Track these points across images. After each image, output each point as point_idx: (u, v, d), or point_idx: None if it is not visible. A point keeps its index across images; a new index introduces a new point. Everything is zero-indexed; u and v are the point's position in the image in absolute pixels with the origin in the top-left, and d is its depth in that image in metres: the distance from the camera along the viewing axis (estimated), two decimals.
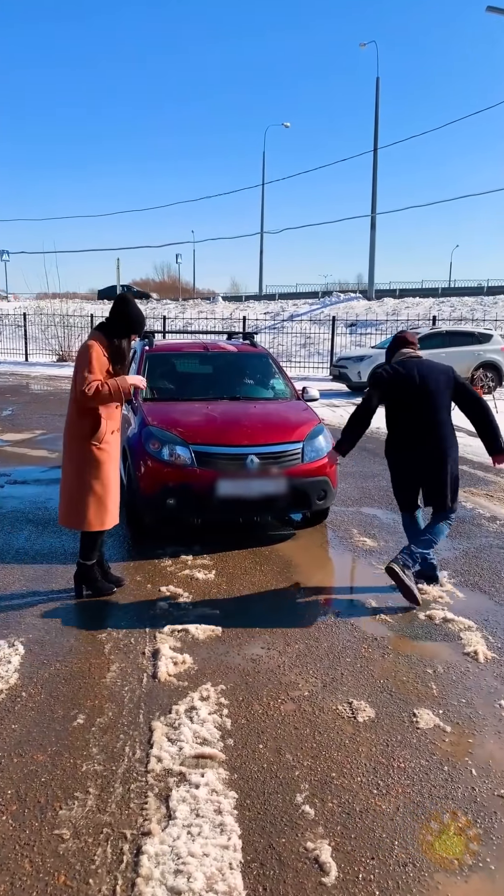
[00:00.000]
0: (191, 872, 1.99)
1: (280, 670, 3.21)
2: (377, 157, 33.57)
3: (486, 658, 3.35)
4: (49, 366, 22.18)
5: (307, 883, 1.98)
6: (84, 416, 3.75)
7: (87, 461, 3.77)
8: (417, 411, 4.03)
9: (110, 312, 3.79)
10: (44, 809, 2.27)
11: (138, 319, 3.80)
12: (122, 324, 3.76)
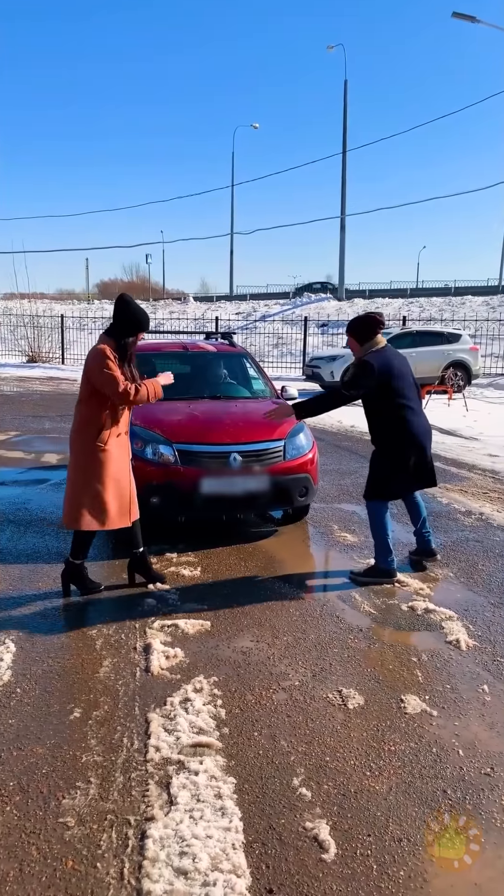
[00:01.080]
0: (195, 853, 2.06)
1: (270, 662, 3.29)
2: (346, 160, 33.92)
3: (467, 646, 3.47)
4: (19, 367, 21.95)
5: (308, 860, 2.06)
6: (90, 419, 3.82)
7: (89, 461, 3.81)
8: (413, 396, 4.24)
9: (114, 315, 3.84)
10: (47, 799, 2.31)
11: (143, 317, 3.85)
12: (127, 323, 3.82)
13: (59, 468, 7.67)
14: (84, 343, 22.94)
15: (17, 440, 9.49)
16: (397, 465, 4.25)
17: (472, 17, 17.32)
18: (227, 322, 26.61)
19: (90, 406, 3.85)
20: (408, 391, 4.23)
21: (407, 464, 4.22)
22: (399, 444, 4.21)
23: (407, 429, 4.18)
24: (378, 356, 4.18)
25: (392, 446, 4.24)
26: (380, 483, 4.31)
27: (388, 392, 4.16)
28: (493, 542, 5.17)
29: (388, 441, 4.26)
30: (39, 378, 19.36)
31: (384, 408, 4.21)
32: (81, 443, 3.87)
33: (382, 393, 4.17)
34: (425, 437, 4.27)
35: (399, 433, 4.19)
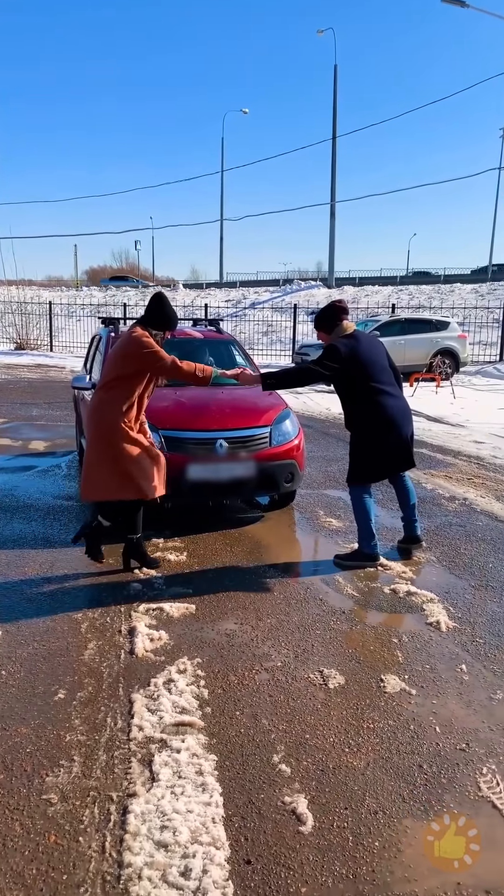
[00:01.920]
0: (176, 827, 2.10)
1: (253, 643, 3.34)
2: (336, 146, 33.79)
3: (447, 627, 3.53)
4: (7, 354, 21.82)
5: (286, 832, 2.11)
6: (116, 399, 4.02)
7: (111, 438, 4.00)
8: (386, 380, 4.28)
9: (150, 309, 4.11)
10: (31, 777, 2.35)
11: (174, 317, 4.18)
12: (161, 319, 4.11)
13: (46, 455, 7.68)
14: (72, 330, 22.88)
15: (5, 427, 9.47)
16: (373, 449, 4.28)
17: (461, 3, 17.23)
18: (216, 309, 26.53)
19: (121, 388, 4.03)
20: (379, 375, 4.24)
21: (382, 447, 4.26)
22: (373, 428, 4.23)
23: (380, 412, 4.20)
24: (345, 341, 4.21)
25: (367, 430, 4.27)
26: (357, 467, 4.36)
27: (358, 376, 4.18)
28: (476, 526, 5.24)
29: (362, 425, 4.29)
30: (27, 365, 19.27)
31: (355, 392, 4.24)
32: (108, 422, 4.02)
33: (352, 377, 4.19)
34: (402, 420, 4.28)
35: (372, 417, 4.22)
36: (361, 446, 4.33)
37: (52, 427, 9.51)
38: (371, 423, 4.24)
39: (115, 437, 4.00)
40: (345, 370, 4.14)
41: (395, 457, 4.34)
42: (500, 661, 3.19)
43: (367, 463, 4.33)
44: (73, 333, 22.80)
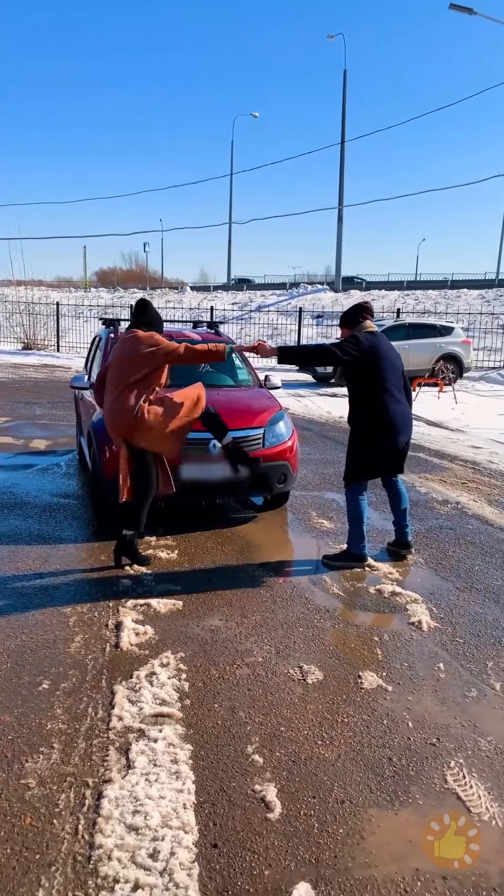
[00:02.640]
0: (147, 812, 2.18)
1: (237, 639, 3.41)
2: (344, 150, 33.88)
3: (429, 627, 3.59)
4: (14, 354, 21.99)
5: (254, 819, 2.18)
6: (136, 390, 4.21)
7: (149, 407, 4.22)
8: (396, 383, 4.34)
9: (142, 314, 4.46)
10: (10, 763, 2.42)
11: (160, 318, 4.55)
12: (154, 323, 4.45)
13: (46, 454, 7.77)
14: (79, 331, 23.02)
15: (8, 426, 9.58)
16: (368, 447, 4.34)
17: (469, 10, 17.28)
18: (222, 312, 26.63)
19: (142, 387, 4.21)
20: (391, 377, 4.31)
21: (378, 447, 4.31)
22: (373, 427, 4.29)
23: (383, 413, 4.26)
24: (367, 335, 4.29)
25: (366, 428, 4.33)
26: (351, 463, 4.43)
27: (371, 372, 4.24)
28: (466, 529, 5.29)
29: (363, 423, 4.35)
30: (34, 365, 19.41)
31: (365, 387, 4.29)
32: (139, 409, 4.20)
33: (365, 371, 4.25)
34: (401, 425, 4.33)
35: (374, 416, 4.28)
36: (358, 443, 4.41)
37: (53, 426, 9.61)
38: (372, 421, 4.30)
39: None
40: (361, 361, 4.22)
41: (387, 460, 4.40)
42: (477, 661, 3.25)
43: (361, 460, 4.39)
44: (80, 334, 22.95)
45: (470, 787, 2.35)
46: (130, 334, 4.32)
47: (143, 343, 4.23)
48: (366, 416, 4.32)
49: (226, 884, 1.93)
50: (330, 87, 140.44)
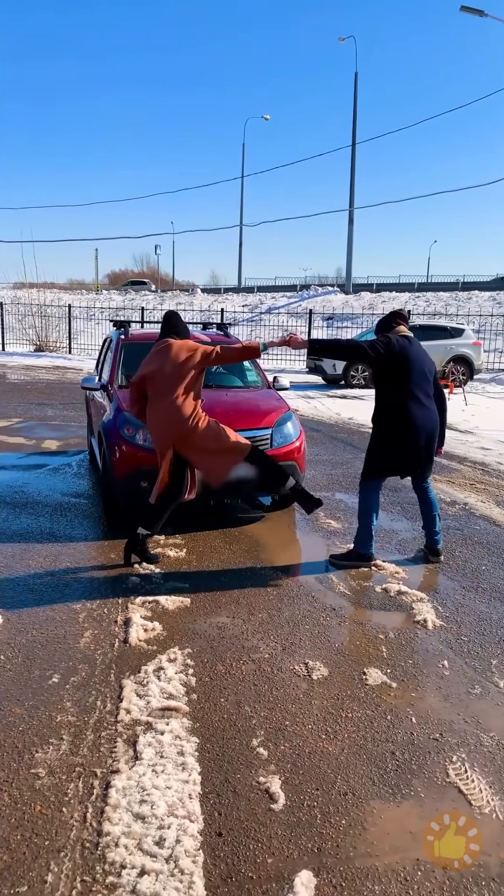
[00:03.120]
0: (154, 801, 2.23)
1: (243, 636, 3.45)
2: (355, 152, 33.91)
3: (434, 625, 3.62)
4: (26, 356, 22.17)
5: (258, 809, 2.23)
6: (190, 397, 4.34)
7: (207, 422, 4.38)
8: (424, 388, 4.36)
9: (175, 325, 4.57)
10: (21, 753, 2.48)
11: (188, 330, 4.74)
12: (184, 333, 4.59)
13: (58, 454, 7.86)
14: (91, 333, 23.17)
15: (20, 426, 9.68)
16: (386, 445, 4.38)
17: (480, 11, 17.28)
18: (232, 314, 26.71)
19: (192, 396, 4.34)
20: (420, 380, 4.33)
21: (394, 447, 4.34)
22: (392, 427, 4.32)
23: (406, 415, 4.28)
24: (399, 338, 4.36)
25: (386, 428, 4.36)
26: (368, 460, 4.49)
27: (400, 373, 4.27)
28: (473, 530, 5.31)
29: (384, 422, 4.39)
30: (46, 367, 19.57)
31: (392, 388, 4.32)
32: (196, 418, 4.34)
33: (395, 372, 4.29)
34: (424, 428, 4.31)
35: (396, 417, 4.31)
36: (376, 441, 4.46)
37: (65, 427, 9.71)
38: (392, 421, 4.33)
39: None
40: (391, 361, 4.26)
41: (404, 460, 4.40)
42: (482, 659, 3.28)
43: (377, 458, 4.43)
44: (92, 336, 23.09)
45: (471, 780, 2.39)
46: (165, 344, 4.41)
47: (182, 349, 4.35)
48: (388, 416, 4.37)
49: (230, 871, 1.98)
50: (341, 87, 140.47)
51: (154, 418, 4.40)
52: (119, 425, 5.12)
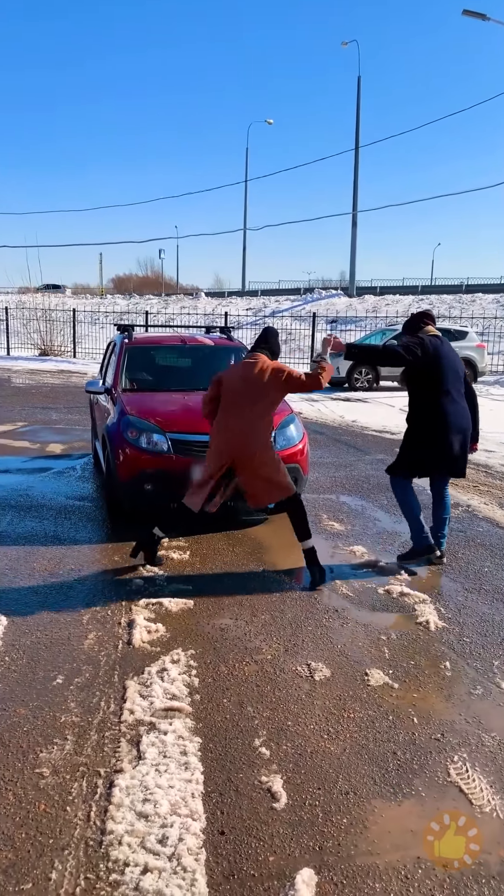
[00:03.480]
0: (157, 800, 2.25)
1: (246, 637, 3.47)
2: (358, 156, 33.97)
3: (436, 627, 3.63)
4: (31, 360, 22.27)
5: (260, 808, 2.24)
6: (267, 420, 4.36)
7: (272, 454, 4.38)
8: (457, 387, 4.41)
9: (270, 341, 4.51)
10: (25, 753, 2.51)
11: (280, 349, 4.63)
12: (276, 352, 4.52)
13: (62, 458, 7.90)
14: (95, 337, 23.25)
15: (24, 430, 9.73)
16: (419, 446, 4.43)
17: (482, 15, 17.33)
18: (236, 317, 26.77)
19: (270, 419, 4.38)
20: (452, 380, 4.39)
21: (429, 447, 4.38)
22: (428, 427, 4.38)
23: (440, 414, 4.34)
24: (432, 338, 4.41)
25: (421, 428, 4.42)
26: (400, 459, 4.56)
27: (433, 375, 4.33)
28: (476, 532, 5.32)
29: (419, 422, 4.45)
30: (51, 371, 19.65)
31: (426, 389, 4.37)
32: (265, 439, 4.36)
33: (427, 374, 4.34)
34: (457, 428, 4.36)
35: (431, 417, 4.36)
36: (411, 441, 4.51)
37: (69, 430, 9.75)
38: (427, 421, 4.38)
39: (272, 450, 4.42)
40: (425, 362, 4.31)
41: (438, 460, 4.44)
42: (483, 660, 3.29)
43: (411, 457, 4.49)
44: (96, 340, 23.17)
45: (472, 780, 2.40)
46: (254, 358, 4.39)
47: (270, 368, 4.28)
48: (423, 415, 4.41)
49: (231, 868, 1.99)
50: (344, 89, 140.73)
51: (223, 430, 4.31)
52: (123, 428, 5.15)
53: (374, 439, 9.55)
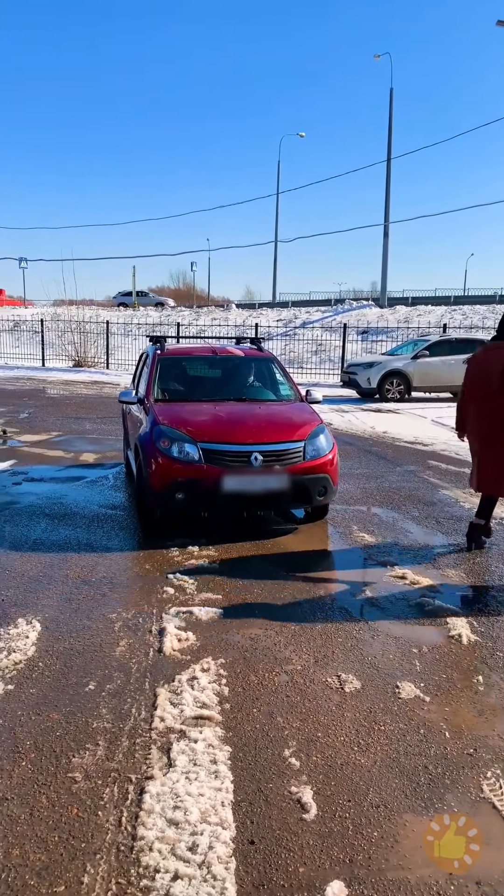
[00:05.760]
0: (187, 808, 2.26)
1: (276, 647, 3.47)
2: (390, 167, 33.93)
3: (468, 641, 3.59)
4: (65, 371, 22.65)
5: (289, 818, 2.24)
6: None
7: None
8: None
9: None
10: (58, 757, 2.54)
11: None
12: None
13: (95, 467, 8.01)
14: (128, 348, 23.55)
15: (59, 440, 9.90)
16: None
17: None
18: (266, 329, 26.86)
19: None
20: None
21: None
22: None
23: None
24: None
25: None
26: None
27: None
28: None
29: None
30: (84, 382, 19.95)
31: None
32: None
33: None
34: None
35: None
36: None
37: (102, 440, 9.88)
38: None
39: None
40: None
41: None
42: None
43: None
44: (129, 352, 23.46)
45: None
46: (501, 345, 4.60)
47: None
48: None
49: (261, 878, 1.99)
50: (376, 100, 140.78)
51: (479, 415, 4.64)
52: (155, 438, 5.22)
53: (406, 450, 9.48)
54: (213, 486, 4.98)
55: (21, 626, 3.64)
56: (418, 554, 4.96)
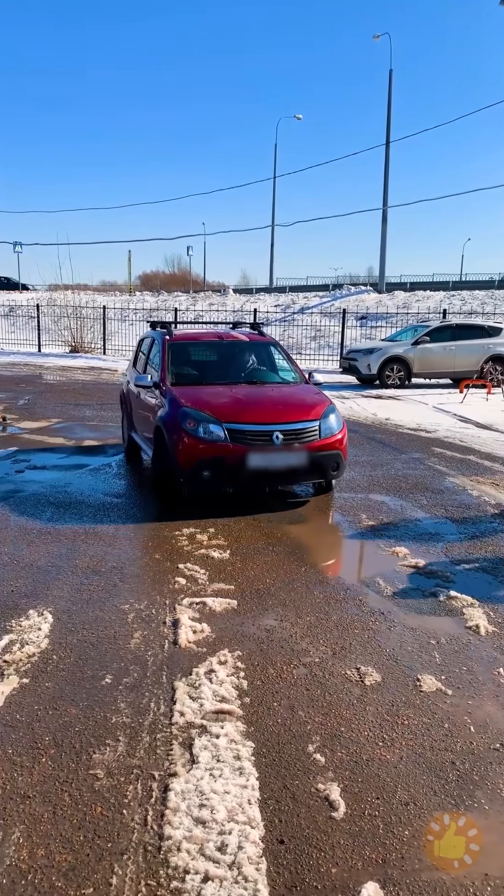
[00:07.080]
0: (214, 806, 2.21)
1: (293, 639, 3.42)
2: (389, 151, 33.56)
3: (486, 631, 3.55)
4: (62, 356, 22.45)
5: (318, 817, 2.20)
6: None
7: None
8: None
9: None
10: (79, 754, 2.49)
11: None
12: None
13: (97, 454, 7.93)
14: (125, 334, 23.35)
15: (59, 427, 9.80)
16: None
17: None
18: (265, 314, 26.67)
19: None
20: None
21: None
22: None
23: None
24: None
25: None
26: None
27: None
28: None
29: None
30: (81, 368, 19.78)
31: None
32: None
33: None
34: None
35: None
36: None
37: (102, 427, 9.79)
38: None
39: None
40: None
41: None
42: None
43: None
44: (126, 337, 23.26)
45: None
46: None
47: None
48: None
49: (294, 880, 1.95)
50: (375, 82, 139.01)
51: None
52: (181, 419, 5.36)
53: (410, 437, 9.42)
54: (238, 464, 5.20)
55: (33, 617, 3.59)
56: (429, 543, 4.91)
